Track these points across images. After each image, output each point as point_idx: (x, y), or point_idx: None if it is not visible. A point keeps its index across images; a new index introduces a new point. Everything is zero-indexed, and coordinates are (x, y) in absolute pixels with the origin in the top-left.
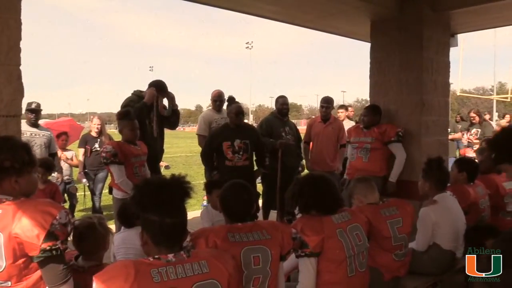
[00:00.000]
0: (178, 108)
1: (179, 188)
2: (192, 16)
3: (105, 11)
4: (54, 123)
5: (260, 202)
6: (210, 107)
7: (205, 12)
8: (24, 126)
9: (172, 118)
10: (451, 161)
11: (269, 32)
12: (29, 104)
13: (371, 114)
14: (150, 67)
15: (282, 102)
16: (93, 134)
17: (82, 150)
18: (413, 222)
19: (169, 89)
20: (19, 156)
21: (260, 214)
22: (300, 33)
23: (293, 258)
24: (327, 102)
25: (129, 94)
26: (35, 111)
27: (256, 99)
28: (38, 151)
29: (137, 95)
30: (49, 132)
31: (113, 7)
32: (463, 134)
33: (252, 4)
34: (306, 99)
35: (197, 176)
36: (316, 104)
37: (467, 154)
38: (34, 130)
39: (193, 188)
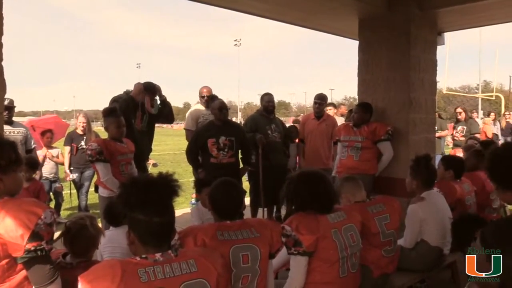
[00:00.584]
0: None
1: (166, 187)
2: (180, 13)
3: (92, 7)
4: (38, 120)
5: (247, 200)
6: (198, 104)
7: (194, 9)
8: None
9: (165, 110)
10: (437, 159)
11: (257, 29)
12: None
13: (362, 112)
14: (137, 64)
15: (267, 99)
16: (79, 132)
17: (68, 148)
18: (400, 218)
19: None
20: (5, 154)
21: (248, 212)
22: (289, 30)
23: (282, 255)
24: (320, 99)
25: (116, 91)
26: (8, 108)
27: (245, 97)
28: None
29: (128, 93)
30: (24, 129)
31: (100, 3)
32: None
33: (242, 1)
34: (295, 96)
35: (185, 174)
36: (305, 101)
37: (457, 154)
38: (8, 127)
39: (181, 186)
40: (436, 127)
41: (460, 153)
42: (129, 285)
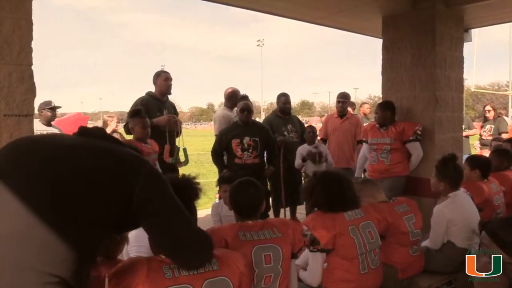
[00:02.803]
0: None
1: (189, 188)
2: (203, 15)
3: (117, 10)
4: (62, 120)
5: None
6: (223, 106)
7: (216, 10)
8: (40, 126)
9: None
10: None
11: (280, 29)
12: (48, 102)
13: (381, 110)
14: (161, 65)
15: (284, 101)
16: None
17: None
18: (422, 218)
19: (181, 87)
20: None
21: (271, 213)
22: (311, 30)
23: (306, 255)
24: (343, 97)
25: (141, 92)
26: (54, 109)
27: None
28: None
29: (150, 95)
30: (60, 130)
31: (125, 6)
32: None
33: (263, 1)
34: (318, 96)
35: (209, 174)
36: (329, 101)
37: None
38: (51, 128)
39: (202, 188)
40: (463, 126)
41: (487, 153)
42: (154, 281)
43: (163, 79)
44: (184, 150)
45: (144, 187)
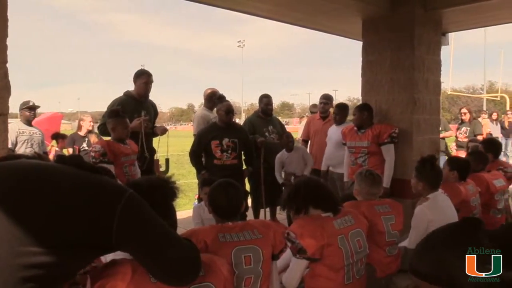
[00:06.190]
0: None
1: (166, 189)
2: (183, 15)
3: (95, 9)
4: (39, 119)
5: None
6: (202, 106)
7: (197, 11)
8: (21, 125)
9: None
10: (442, 160)
11: (261, 31)
12: (26, 102)
13: (359, 112)
14: (141, 65)
15: (266, 102)
16: (81, 133)
17: (70, 150)
18: (403, 221)
19: (161, 88)
20: None
21: (250, 213)
22: (292, 32)
23: (287, 256)
24: (326, 99)
25: (120, 92)
26: (33, 108)
27: (248, 98)
28: (36, 150)
29: (128, 95)
30: (40, 131)
31: (104, 5)
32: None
33: (244, 2)
34: (298, 97)
35: (189, 175)
36: (308, 102)
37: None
38: (32, 128)
39: (180, 188)
40: (440, 128)
41: (463, 154)
42: (139, 285)
43: (142, 82)
44: (167, 160)
45: (121, 225)
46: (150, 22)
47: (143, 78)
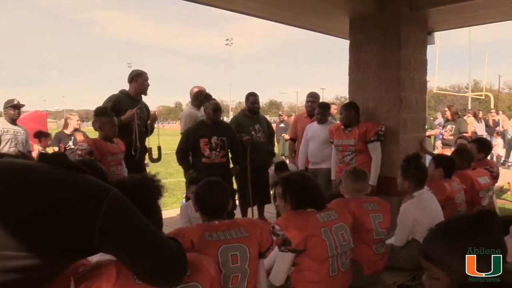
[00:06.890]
0: (156, 112)
1: (152, 188)
2: (171, 13)
3: (82, 7)
4: (22, 118)
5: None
6: (190, 104)
7: (186, 9)
8: (6, 124)
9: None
10: (428, 158)
11: (249, 29)
12: (10, 101)
13: (346, 110)
14: (128, 63)
15: (252, 100)
16: (67, 132)
17: (56, 149)
18: (391, 219)
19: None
20: None
21: (238, 211)
22: (280, 30)
23: (274, 254)
24: (313, 97)
25: (106, 90)
26: (18, 107)
27: (236, 97)
28: (21, 149)
29: (124, 93)
30: (25, 130)
31: (90, 3)
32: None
33: (233, 0)
34: (286, 96)
35: (177, 174)
36: (296, 101)
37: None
38: (16, 127)
39: (165, 186)
40: (426, 126)
41: (448, 152)
42: (124, 286)
43: (144, 80)
44: (159, 148)
45: (105, 225)
46: (137, 20)
47: (144, 76)
